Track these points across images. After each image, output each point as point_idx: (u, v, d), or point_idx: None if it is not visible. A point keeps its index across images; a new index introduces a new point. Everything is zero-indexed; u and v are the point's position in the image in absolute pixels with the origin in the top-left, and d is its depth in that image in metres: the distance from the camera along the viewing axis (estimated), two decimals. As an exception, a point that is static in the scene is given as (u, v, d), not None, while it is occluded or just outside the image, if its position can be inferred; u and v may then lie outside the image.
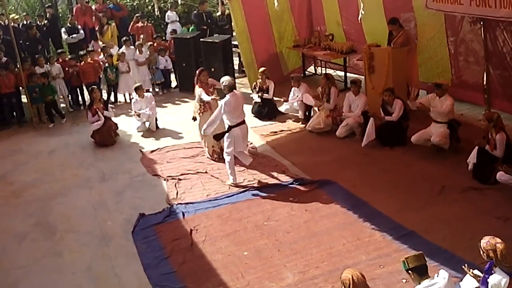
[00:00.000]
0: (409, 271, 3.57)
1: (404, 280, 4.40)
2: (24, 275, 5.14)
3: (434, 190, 5.91)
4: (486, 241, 3.56)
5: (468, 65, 7.93)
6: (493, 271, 3.52)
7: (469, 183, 5.92)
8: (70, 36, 11.58)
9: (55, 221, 6.15)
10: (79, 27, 11.83)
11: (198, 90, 7.24)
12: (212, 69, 9.34)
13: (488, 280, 3.53)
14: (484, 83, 7.52)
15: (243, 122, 6.49)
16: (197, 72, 7.41)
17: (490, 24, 7.07)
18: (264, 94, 8.83)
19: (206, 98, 7.09)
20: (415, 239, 4.95)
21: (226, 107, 6.22)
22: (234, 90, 6.38)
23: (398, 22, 8.01)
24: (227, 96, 6.27)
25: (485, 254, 3.56)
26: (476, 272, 3.77)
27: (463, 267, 3.80)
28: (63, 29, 11.83)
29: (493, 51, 7.27)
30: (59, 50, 10.64)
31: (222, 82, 6.40)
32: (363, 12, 5.72)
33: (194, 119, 7.50)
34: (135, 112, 8.71)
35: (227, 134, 6.41)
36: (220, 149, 7.12)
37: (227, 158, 6.51)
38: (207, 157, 7.37)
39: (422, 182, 6.14)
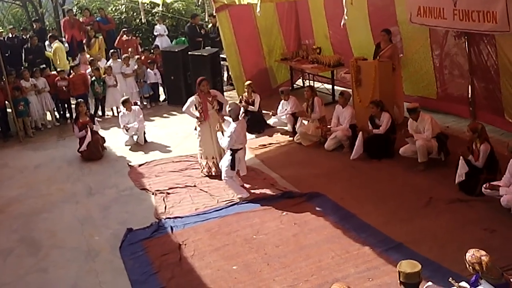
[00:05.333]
0: (401, 284, 3.58)
1: (393, 293, 4.41)
2: (9, 292, 5.05)
3: (421, 202, 5.95)
4: (471, 254, 3.58)
5: (453, 78, 8.05)
6: (479, 283, 3.54)
7: (456, 195, 5.98)
8: (60, 50, 11.54)
9: (40, 236, 6.06)
10: (64, 39, 11.80)
11: (190, 99, 7.19)
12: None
13: (475, 292, 3.55)
14: (469, 95, 7.64)
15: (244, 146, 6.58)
16: (197, 81, 7.22)
17: (474, 38, 7.21)
18: (250, 107, 8.85)
19: (189, 113, 7.15)
20: (403, 251, 4.95)
21: (235, 135, 6.26)
22: (240, 117, 6.45)
23: (390, 34, 8.12)
24: (234, 124, 6.29)
25: (470, 267, 3.57)
26: (463, 284, 3.78)
27: (449, 280, 3.81)
28: (46, 42, 11.79)
29: (477, 65, 7.40)
30: (41, 66, 10.55)
31: (229, 109, 6.40)
32: (346, 17, 5.77)
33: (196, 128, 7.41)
34: (124, 126, 8.66)
35: (230, 157, 6.40)
36: (217, 164, 7.08)
37: (225, 181, 6.51)
38: (203, 175, 7.24)
39: (409, 194, 6.18)
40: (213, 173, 7.15)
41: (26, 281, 5.19)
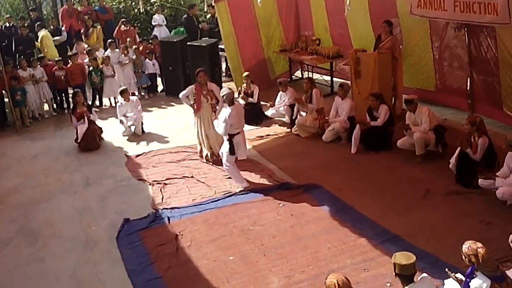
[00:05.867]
0: (396, 275, 3.60)
1: (388, 284, 4.43)
2: (7, 281, 5.06)
3: (418, 194, 5.97)
4: (467, 246, 3.59)
5: (452, 70, 8.03)
6: (474, 275, 3.56)
7: (453, 187, 5.99)
8: (53, 39, 11.45)
9: (38, 226, 6.07)
10: (62, 29, 11.72)
11: (188, 87, 7.33)
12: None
13: (470, 284, 3.57)
14: (468, 88, 7.62)
15: (242, 130, 6.59)
16: (196, 71, 7.32)
17: (474, 30, 7.18)
18: (249, 99, 8.83)
19: (185, 100, 7.34)
20: (400, 243, 4.98)
21: (230, 120, 6.23)
22: (235, 102, 6.41)
23: (391, 26, 8.08)
24: (229, 109, 6.26)
25: (467, 259, 3.59)
26: (459, 275, 3.81)
27: (445, 270, 3.83)
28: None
29: (477, 57, 7.37)
30: (40, 55, 10.50)
31: (223, 95, 6.39)
32: (349, 8, 5.73)
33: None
34: (120, 120, 8.64)
35: (228, 142, 6.40)
36: (213, 153, 7.20)
37: (227, 168, 6.52)
38: (203, 161, 7.32)
39: (406, 186, 6.19)
40: (210, 162, 7.21)
41: (24, 271, 5.21)
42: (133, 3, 14.39)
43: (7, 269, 5.24)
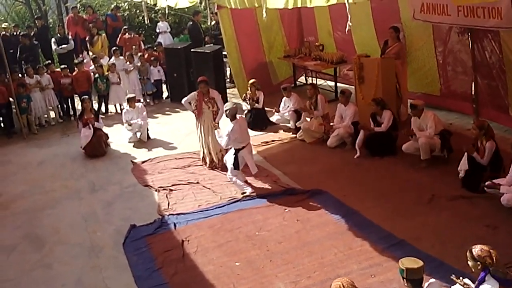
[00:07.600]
0: (404, 280, 3.59)
1: (395, 289, 4.42)
2: (14, 287, 5.07)
3: (423, 198, 5.95)
4: (479, 249, 3.56)
5: (456, 75, 8.03)
6: (484, 281, 3.53)
7: (458, 192, 5.97)
8: (60, 47, 11.57)
9: (44, 233, 6.09)
10: (69, 37, 11.82)
11: (191, 93, 7.41)
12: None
13: (480, 288, 3.55)
14: (472, 92, 7.62)
15: (248, 143, 6.64)
16: (198, 80, 7.41)
17: (478, 35, 7.19)
18: (255, 104, 8.86)
19: (187, 106, 7.43)
20: (406, 248, 4.96)
21: (233, 135, 6.31)
22: (237, 116, 6.47)
23: (398, 32, 8.10)
24: (232, 124, 6.34)
25: (479, 263, 3.54)
26: (466, 280, 3.79)
27: (451, 277, 3.81)
28: (53, 40, 11.83)
29: (481, 61, 7.37)
30: (46, 62, 10.61)
31: (226, 109, 6.46)
32: (350, 24, 5.78)
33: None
34: (126, 121, 8.69)
35: (233, 156, 6.47)
36: (213, 159, 7.28)
37: (230, 179, 6.59)
38: (205, 167, 7.35)
39: (412, 191, 6.18)
40: (211, 167, 7.27)
41: (30, 277, 5.22)
42: (138, 11, 14.48)
43: (13, 275, 5.26)
